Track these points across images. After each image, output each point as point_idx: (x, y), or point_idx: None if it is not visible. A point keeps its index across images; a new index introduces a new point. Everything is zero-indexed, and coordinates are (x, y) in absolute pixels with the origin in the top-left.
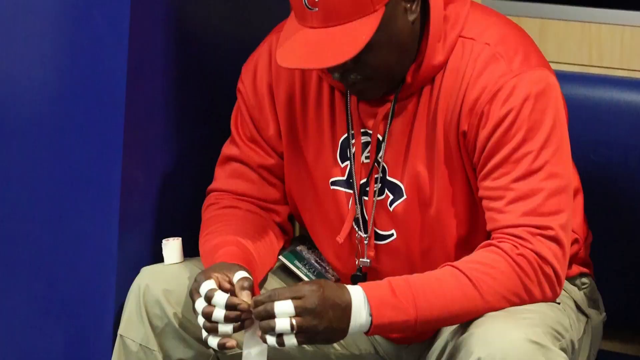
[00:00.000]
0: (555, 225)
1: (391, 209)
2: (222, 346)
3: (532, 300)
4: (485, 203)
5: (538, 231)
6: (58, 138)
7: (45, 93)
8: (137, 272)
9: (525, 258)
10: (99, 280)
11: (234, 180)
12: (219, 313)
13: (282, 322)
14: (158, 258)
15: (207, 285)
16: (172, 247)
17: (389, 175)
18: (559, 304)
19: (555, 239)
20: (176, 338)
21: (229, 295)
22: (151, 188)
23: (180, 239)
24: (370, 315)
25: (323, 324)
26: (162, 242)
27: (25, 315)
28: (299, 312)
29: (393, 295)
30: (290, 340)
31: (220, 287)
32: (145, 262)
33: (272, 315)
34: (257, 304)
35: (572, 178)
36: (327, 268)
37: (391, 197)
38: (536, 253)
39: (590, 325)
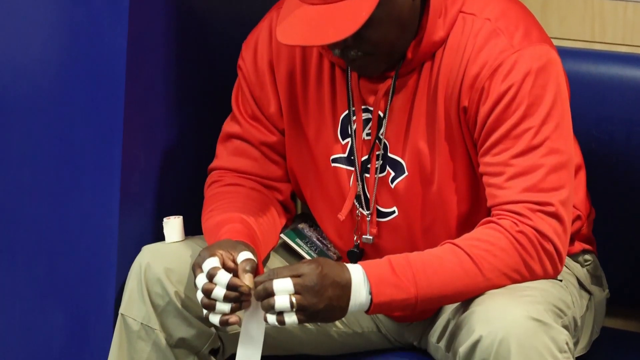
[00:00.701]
0: (556, 202)
1: (392, 185)
2: (224, 323)
3: (533, 277)
4: (485, 179)
5: (538, 207)
6: (58, 117)
7: (45, 71)
8: (138, 251)
9: (525, 235)
10: (100, 259)
11: (235, 158)
12: (219, 292)
13: (282, 300)
14: (159, 236)
15: (211, 263)
16: (173, 226)
17: (390, 152)
18: (560, 281)
19: (555, 215)
20: (178, 317)
21: (231, 275)
22: (152, 166)
23: (181, 217)
24: (370, 293)
25: (323, 302)
26: (162, 220)
27: (27, 295)
28: (298, 290)
29: (393, 274)
30: (291, 318)
31: (224, 266)
32: (146, 240)
33: (271, 294)
34: (257, 284)
35: (573, 154)
36: (329, 246)
37: (392, 174)
38: (536, 229)
39: (593, 302)
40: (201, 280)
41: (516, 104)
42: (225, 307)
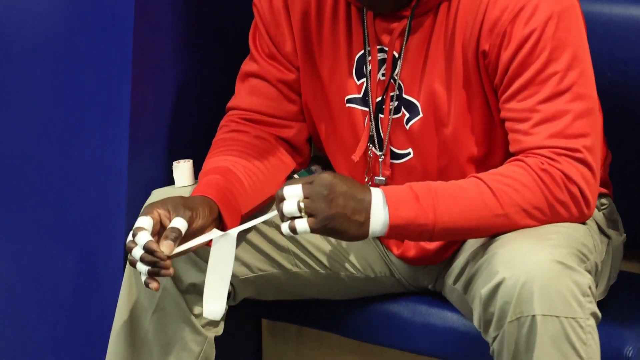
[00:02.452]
0: (583, 148)
1: (407, 127)
2: (146, 285)
3: (556, 218)
4: (509, 125)
5: (565, 152)
6: (66, 60)
7: (53, 14)
8: (148, 195)
9: (550, 174)
10: (109, 204)
11: (252, 97)
12: (137, 252)
13: (290, 204)
14: (169, 180)
15: (140, 222)
16: (183, 170)
17: (405, 93)
18: (584, 224)
19: (583, 161)
20: (188, 262)
21: (150, 238)
22: (161, 109)
23: (191, 161)
24: (388, 215)
25: (333, 210)
26: (172, 164)
27: (35, 240)
28: (306, 194)
29: (413, 197)
30: (301, 224)
31: (160, 225)
32: (155, 184)
33: (283, 200)
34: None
35: (597, 100)
36: None
37: (407, 115)
38: (562, 172)
39: (611, 246)
40: (129, 236)
41: (540, 49)
42: (143, 268)
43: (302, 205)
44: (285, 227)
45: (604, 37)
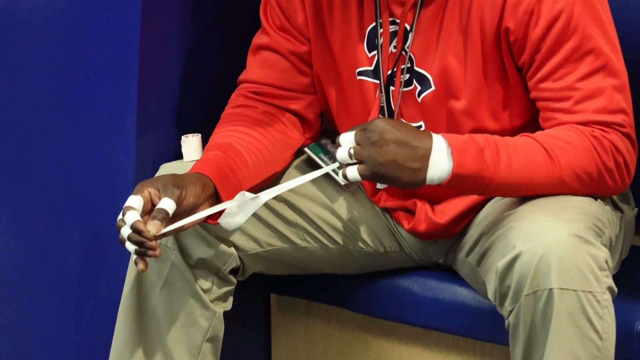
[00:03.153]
0: (624, 122)
1: (419, 99)
2: (135, 263)
3: (601, 184)
4: (545, 104)
5: (611, 126)
6: (73, 34)
7: None
8: (156, 170)
9: (600, 142)
10: (117, 179)
11: (263, 70)
12: (125, 231)
13: (342, 150)
14: (177, 155)
15: (129, 201)
16: (191, 144)
17: (416, 66)
18: (596, 199)
19: (627, 135)
20: (196, 237)
21: (138, 218)
22: (170, 83)
23: (199, 135)
24: (452, 163)
25: (383, 157)
26: (181, 138)
27: (43, 215)
28: (357, 141)
29: (478, 149)
30: (351, 171)
31: (151, 204)
32: (164, 159)
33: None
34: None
35: (626, 74)
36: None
37: (419, 87)
38: (611, 142)
39: (624, 220)
40: (119, 215)
41: (573, 26)
42: (131, 247)
43: (351, 151)
44: (339, 175)
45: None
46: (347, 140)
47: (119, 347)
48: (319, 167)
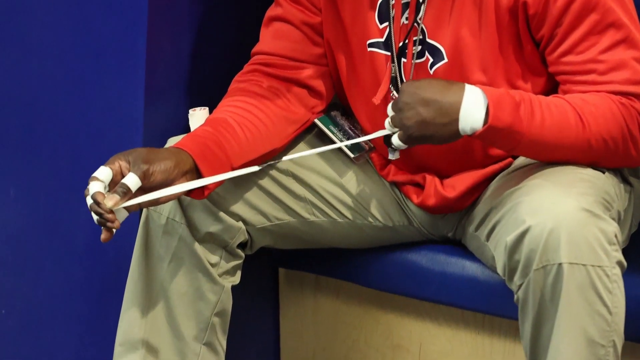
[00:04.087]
0: None
1: (431, 71)
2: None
3: (625, 152)
4: (568, 78)
5: (636, 97)
6: (81, 7)
7: None
8: (164, 144)
9: (628, 110)
10: None
11: (276, 41)
12: (88, 200)
13: (386, 122)
14: (185, 128)
15: (97, 172)
16: (198, 117)
17: (428, 38)
18: (604, 173)
19: None
20: (204, 211)
21: (99, 190)
22: (177, 57)
23: (207, 108)
24: (487, 114)
25: (411, 120)
26: (189, 112)
27: (50, 189)
28: (393, 109)
29: (514, 103)
30: (395, 140)
31: (122, 174)
32: (171, 132)
33: None
34: None
35: None
36: (361, 135)
37: (431, 59)
38: (637, 110)
39: (633, 194)
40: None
41: (595, 0)
42: (94, 216)
43: (389, 122)
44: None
45: None
46: (389, 111)
47: (127, 321)
48: (329, 139)
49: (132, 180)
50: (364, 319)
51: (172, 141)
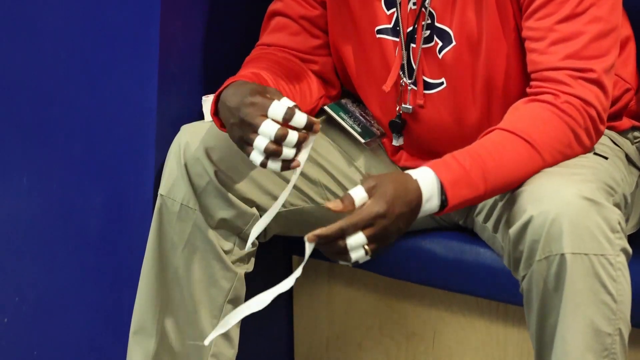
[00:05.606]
0: (597, 68)
1: (440, 56)
2: (285, 168)
3: (582, 147)
4: (527, 44)
5: (579, 74)
6: None
7: None
8: (177, 131)
9: (571, 105)
10: (138, 139)
11: (275, 33)
12: (293, 136)
13: (357, 254)
14: (198, 115)
15: (285, 103)
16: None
17: (437, 22)
18: (606, 158)
19: (596, 82)
20: (218, 197)
21: (307, 115)
22: (191, 44)
23: None
24: (445, 198)
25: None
26: (202, 98)
27: (64, 176)
28: (370, 240)
29: (464, 173)
30: (364, 259)
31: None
32: (185, 119)
33: (345, 251)
34: (327, 238)
35: (619, 24)
36: (372, 122)
37: (440, 44)
38: (579, 97)
39: None
40: (270, 126)
41: None
42: (292, 152)
43: (367, 248)
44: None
45: None
46: (357, 244)
47: (141, 308)
48: (339, 125)
49: (300, 116)
50: (377, 307)
51: (186, 128)
